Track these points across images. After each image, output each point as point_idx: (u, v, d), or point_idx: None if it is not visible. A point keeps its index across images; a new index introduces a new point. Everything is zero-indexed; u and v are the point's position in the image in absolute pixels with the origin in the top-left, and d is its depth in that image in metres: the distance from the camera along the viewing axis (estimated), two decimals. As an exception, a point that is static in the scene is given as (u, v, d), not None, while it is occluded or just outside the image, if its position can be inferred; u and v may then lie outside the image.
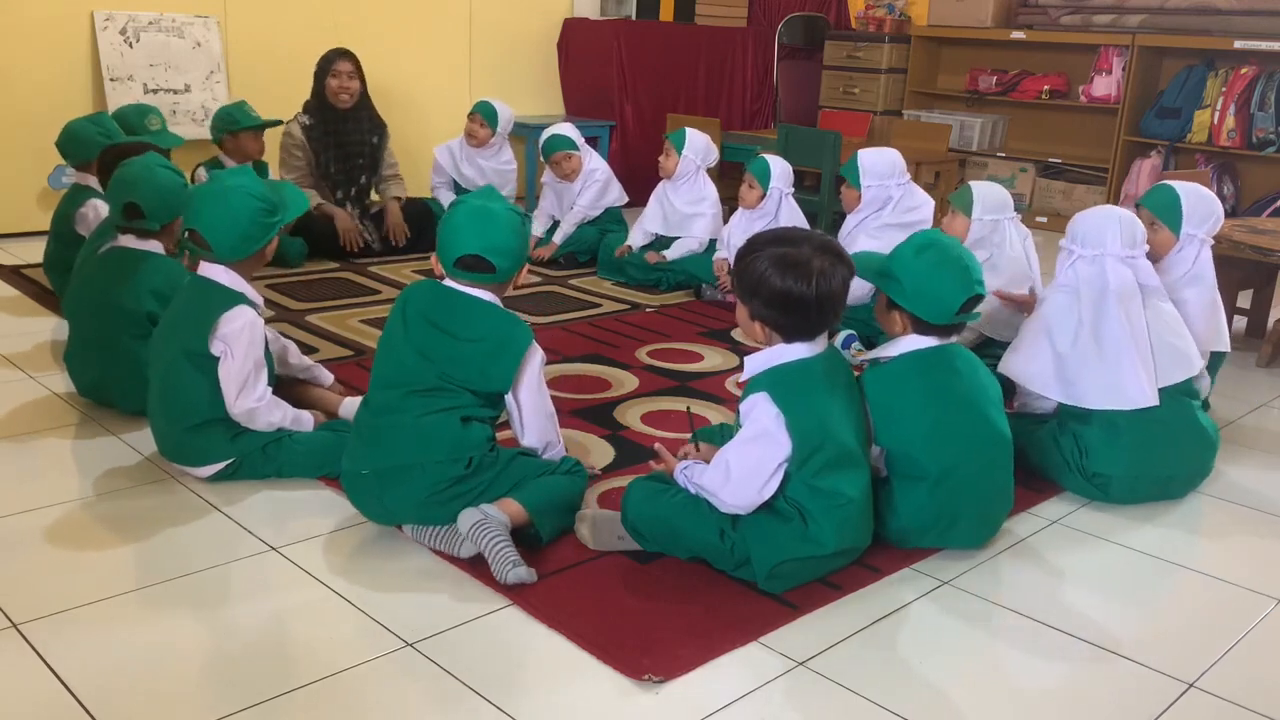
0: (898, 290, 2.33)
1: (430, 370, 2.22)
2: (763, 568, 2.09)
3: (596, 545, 2.24)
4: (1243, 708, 1.86)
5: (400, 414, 2.21)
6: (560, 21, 6.66)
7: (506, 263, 2.28)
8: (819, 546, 2.09)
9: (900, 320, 2.37)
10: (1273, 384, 3.74)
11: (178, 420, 2.49)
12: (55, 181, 4.81)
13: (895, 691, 1.85)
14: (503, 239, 2.27)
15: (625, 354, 3.64)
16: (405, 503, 2.23)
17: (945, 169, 6.04)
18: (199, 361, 2.46)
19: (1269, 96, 5.90)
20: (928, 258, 2.31)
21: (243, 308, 2.49)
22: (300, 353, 2.94)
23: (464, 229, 2.26)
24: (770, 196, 4.23)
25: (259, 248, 2.54)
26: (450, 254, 2.27)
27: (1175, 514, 2.65)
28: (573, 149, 4.89)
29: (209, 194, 2.51)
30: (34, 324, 3.69)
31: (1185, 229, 2.93)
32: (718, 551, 2.15)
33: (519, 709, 1.75)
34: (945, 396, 2.30)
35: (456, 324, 2.25)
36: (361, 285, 4.39)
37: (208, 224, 2.48)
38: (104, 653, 1.85)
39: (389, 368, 2.28)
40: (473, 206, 2.29)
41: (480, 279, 2.29)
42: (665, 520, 2.18)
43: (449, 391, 2.22)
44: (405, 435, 2.20)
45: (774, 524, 2.10)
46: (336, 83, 4.76)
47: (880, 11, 7.31)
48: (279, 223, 2.56)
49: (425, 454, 2.19)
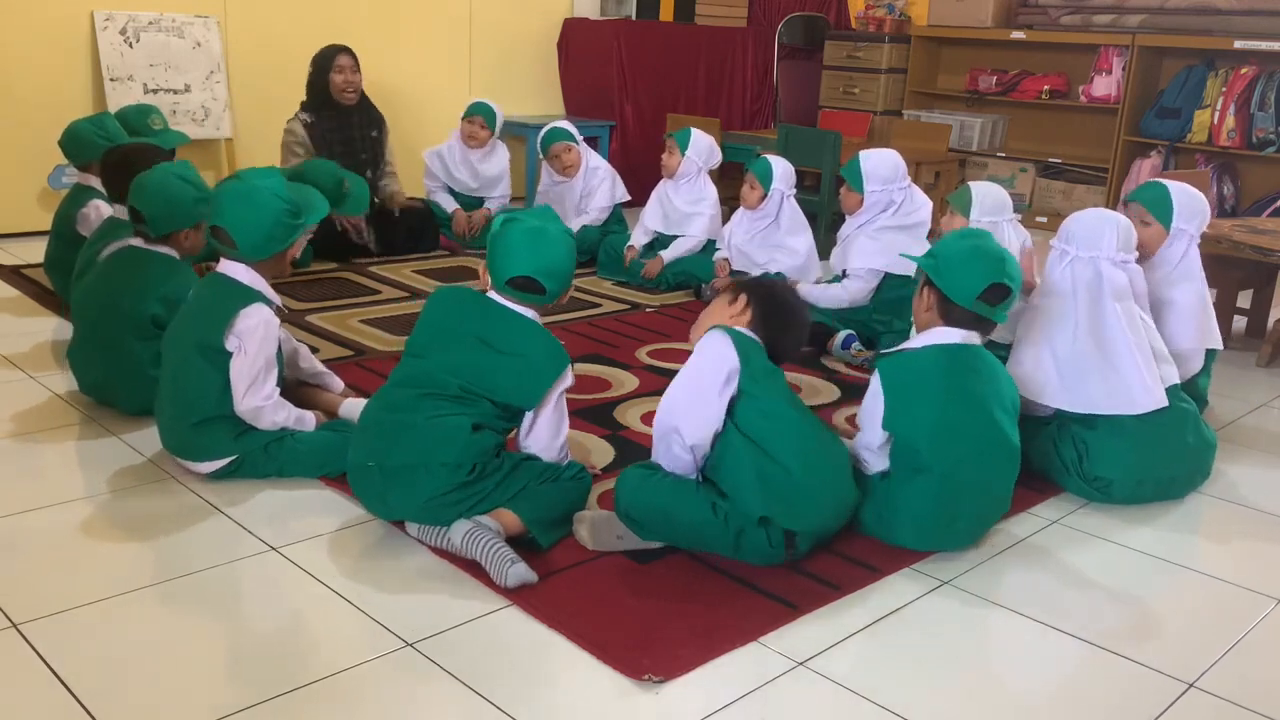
0: (932, 266, 2.40)
1: (453, 379, 2.22)
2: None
3: (596, 546, 2.24)
4: (1243, 708, 1.86)
5: (412, 413, 2.22)
6: (560, 21, 6.66)
7: (556, 285, 2.30)
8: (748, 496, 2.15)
9: (928, 298, 2.41)
10: (1273, 384, 3.74)
11: (185, 414, 2.50)
12: (55, 181, 4.81)
13: (895, 691, 1.85)
14: (557, 262, 2.28)
15: (625, 354, 3.64)
16: (407, 502, 2.23)
17: (945, 169, 6.04)
18: (212, 356, 2.47)
19: (1269, 96, 5.90)
20: (968, 243, 2.41)
21: (260, 305, 2.50)
22: (312, 356, 2.94)
23: (519, 250, 2.26)
24: (771, 197, 4.23)
25: (281, 248, 2.56)
26: (503, 274, 2.28)
27: (1175, 514, 2.65)
28: (572, 141, 4.89)
29: (235, 192, 2.52)
30: (34, 324, 3.68)
31: (1176, 224, 2.97)
32: (712, 528, 2.16)
33: (519, 709, 1.75)
34: (961, 394, 2.30)
35: (497, 336, 2.27)
36: (361, 285, 4.39)
37: (233, 221, 2.49)
38: (104, 653, 1.85)
39: (411, 367, 2.29)
40: (529, 227, 2.28)
41: (529, 299, 2.30)
42: (657, 503, 2.20)
43: (467, 400, 2.23)
44: (414, 435, 2.20)
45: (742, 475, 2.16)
46: (341, 78, 4.76)
47: (880, 11, 7.31)
48: (303, 225, 2.57)
49: (431, 456, 2.19)
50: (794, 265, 4.22)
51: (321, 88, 4.79)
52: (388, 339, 3.65)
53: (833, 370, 3.59)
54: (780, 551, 2.18)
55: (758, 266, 4.31)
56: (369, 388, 3.03)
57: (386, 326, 3.80)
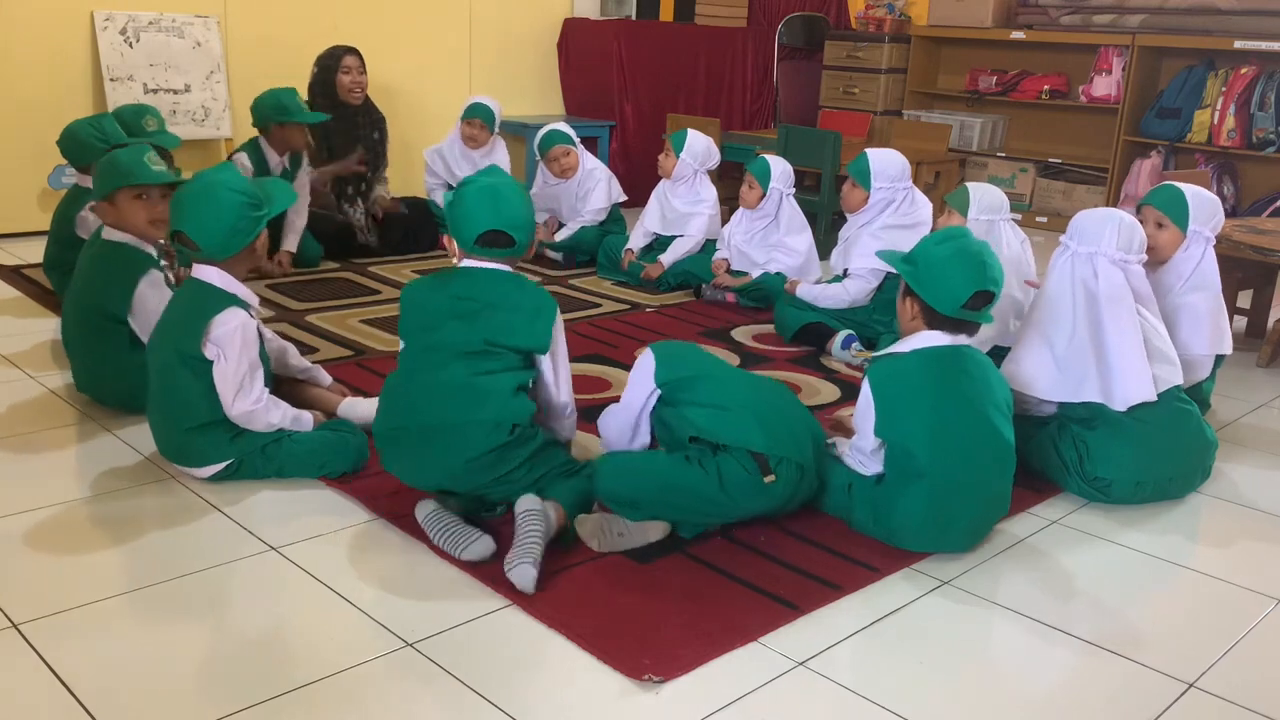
0: (912, 274, 2.37)
1: (475, 336, 2.28)
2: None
3: (601, 547, 2.24)
4: (1243, 708, 1.86)
5: (449, 372, 2.26)
6: (560, 21, 6.65)
7: (523, 235, 2.36)
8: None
9: (911, 308, 2.39)
10: (1273, 384, 3.74)
11: (176, 422, 2.49)
12: (55, 181, 4.81)
13: (895, 691, 1.85)
14: (517, 212, 2.35)
15: (625, 354, 3.64)
16: (444, 464, 2.26)
17: (945, 169, 6.04)
18: (193, 365, 2.45)
19: (1269, 96, 5.90)
20: (947, 247, 2.36)
21: (234, 310, 2.47)
22: (300, 354, 2.93)
23: (478, 207, 2.33)
24: (770, 197, 4.23)
25: (247, 242, 2.51)
26: (469, 233, 2.34)
27: (1175, 514, 2.65)
28: (570, 144, 4.89)
29: (192, 193, 2.48)
30: (34, 324, 3.68)
31: (1192, 226, 2.95)
32: (695, 476, 2.24)
33: (519, 709, 1.75)
34: (952, 397, 2.30)
35: (494, 296, 2.33)
36: (361, 285, 4.39)
37: (193, 223, 2.46)
38: (104, 653, 1.85)
39: (424, 341, 2.32)
40: (481, 185, 2.36)
41: (501, 254, 2.36)
42: (641, 477, 2.29)
43: (495, 354, 2.29)
44: (456, 393, 2.25)
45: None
46: (349, 79, 4.76)
47: (880, 11, 7.30)
48: (265, 216, 2.53)
49: (474, 413, 2.23)
50: (793, 265, 4.22)
51: (327, 88, 4.78)
52: (388, 339, 3.65)
53: (833, 370, 3.59)
54: (758, 478, 2.24)
55: (757, 266, 4.31)
56: (369, 388, 3.04)
57: (386, 326, 3.80)
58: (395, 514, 2.37)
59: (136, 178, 2.81)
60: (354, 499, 2.45)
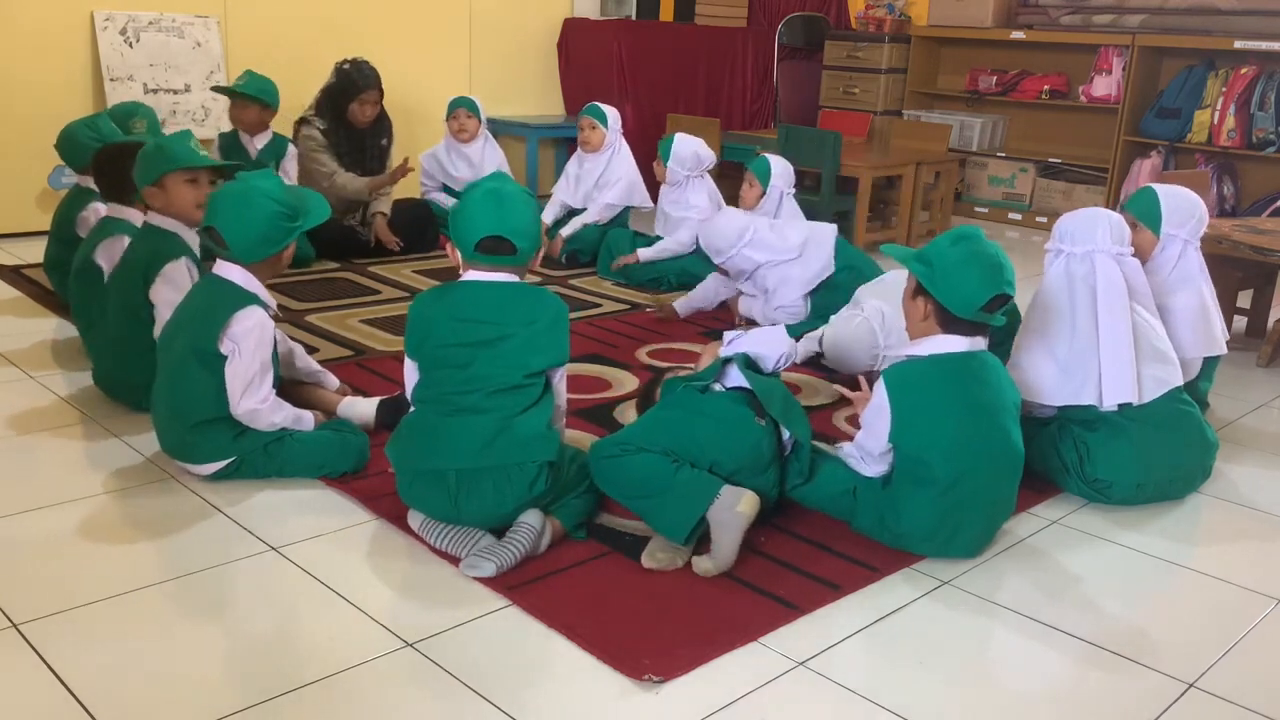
0: (927, 275, 2.31)
1: (514, 370, 2.23)
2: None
3: (664, 566, 2.20)
4: (1243, 708, 1.86)
5: (488, 414, 2.20)
6: (560, 21, 6.66)
7: (526, 243, 2.29)
8: None
9: (924, 308, 2.34)
10: (1273, 384, 3.74)
11: (182, 417, 2.49)
12: (55, 182, 4.81)
13: (895, 691, 1.85)
14: (520, 219, 2.27)
15: (625, 354, 3.64)
16: (485, 507, 2.21)
17: (945, 169, 6.04)
18: (207, 359, 2.46)
19: (1269, 96, 5.90)
20: (962, 248, 2.30)
21: (254, 308, 2.49)
22: (307, 355, 2.93)
23: (481, 212, 2.26)
24: (770, 195, 4.23)
25: (276, 251, 2.54)
26: (470, 238, 2.27)
27: (1175, 514, 2.65)
28: (601, 124, 4.97)
29: (231, 194, 2.51)
30: (34, 324, 3.68)
31: (1165, 229, 2.95)
32: (682, 420, 2.31)
33: (519, 709, 1.75)
34: (973, 410, 2.28)
35: (511, 315, 2.26)
36: (362, 285, 4.39)
37: (226, 223, 2.48)
38: (104, 653, 1.85)
39: (456, 376, 2.24)
40: (486, 189, 2.30)
41: (502, 261, 2.29)
42: (627, 436, 2.34)
43: (530, 387, 2.24)
44: (496, 439, 2.19)
45: None
46: (362, 111, 4.78)
47: (880, 11, 7.31)
48: (299, 228, 2.55)
49: (518, 455, 2.20)
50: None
51: (338, 110, 4.77)
52: (388, 339, 3.65)
53: (832, 370, 3.59)
54: (750, 417, 2.32)
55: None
56: (369, 388, 3.04)
57: (386, 326, 3.80)
58: (395, 514, 2.36)
59: (188, 161, 2.83)
60: (354, 499, 2.45)
